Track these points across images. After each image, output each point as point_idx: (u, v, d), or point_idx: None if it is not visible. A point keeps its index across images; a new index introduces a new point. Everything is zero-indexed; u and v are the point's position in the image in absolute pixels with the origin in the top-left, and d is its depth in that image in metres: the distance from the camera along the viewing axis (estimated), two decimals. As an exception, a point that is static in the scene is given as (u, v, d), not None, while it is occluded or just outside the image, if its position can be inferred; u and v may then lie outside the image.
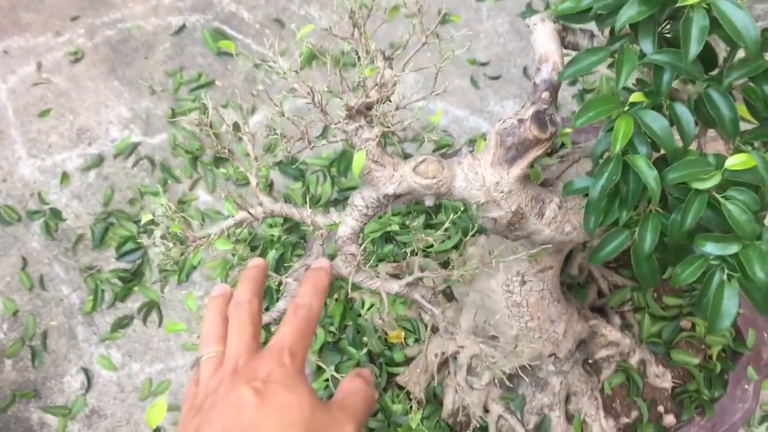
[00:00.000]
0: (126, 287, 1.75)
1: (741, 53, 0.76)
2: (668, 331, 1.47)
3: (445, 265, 1.53)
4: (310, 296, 0.58)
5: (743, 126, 0.80)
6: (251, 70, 1.97)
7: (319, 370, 1.47)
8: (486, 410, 1.41)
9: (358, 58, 1.03)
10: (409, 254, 1.01)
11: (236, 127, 1.91)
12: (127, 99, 1.95)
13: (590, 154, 0.85)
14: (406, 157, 1.75)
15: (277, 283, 0.97)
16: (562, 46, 0.97)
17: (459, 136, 1.87)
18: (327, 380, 1.45)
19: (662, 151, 0.82)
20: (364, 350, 1.46)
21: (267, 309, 1.27)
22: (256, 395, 0.49)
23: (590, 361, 1.46)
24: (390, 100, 1.00)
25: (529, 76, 1.95)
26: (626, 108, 0.79)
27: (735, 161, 0.76)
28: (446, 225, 0.96)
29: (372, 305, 1.50)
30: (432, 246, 1.55)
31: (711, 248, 0.78)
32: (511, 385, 1.41)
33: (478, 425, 1.39)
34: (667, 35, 0.82)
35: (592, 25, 0.89)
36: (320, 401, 0.51)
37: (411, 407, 1.42)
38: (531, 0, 2.00)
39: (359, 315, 1.50)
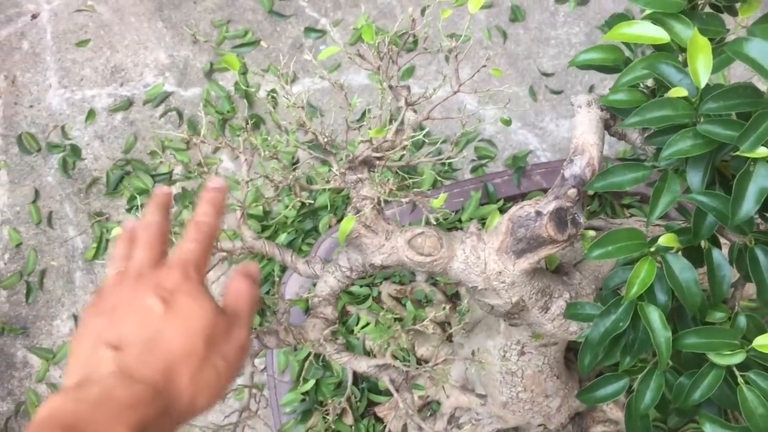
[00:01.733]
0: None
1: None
2: (675, 420, 1.35)
3: (452, 297, 1.43)
4: (210, 214, 0.58)
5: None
6: (300, 35, 1.85)
7: (299, 380, 1.40)
8: (460, 464, 1.33)
9: (386, 86, 0.91)
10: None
11: (272, 94, 1.81)
12: (168, 44, 1.86)
13: (603, 283, 0.73)
14: (438, 154, 1.64)
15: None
16: (609, 134, 0.83)
17: (503, 149, 1.74)
18: (305, 393, 1.39)
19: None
20: (350, 370, 1.38)
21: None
22: (163, 304, 0.50)
23: (583, 434, 1.35)
24: (405, 149, 0.88)
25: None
26: (652, 249, 0.67)
27: (765, 342, 0.63)
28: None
29: (367, 323, 1.42)
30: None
31: (710, 431, 0.66)
32: (492, 445, 1.32)
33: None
34: (725, 161, 0.69)
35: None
36: (220, 310, 0.53)
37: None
38: (614, 13, 1.81)
39: (351, 332, 1.41)
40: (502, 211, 1.50)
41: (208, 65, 1.82)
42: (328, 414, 1.35)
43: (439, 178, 1.61)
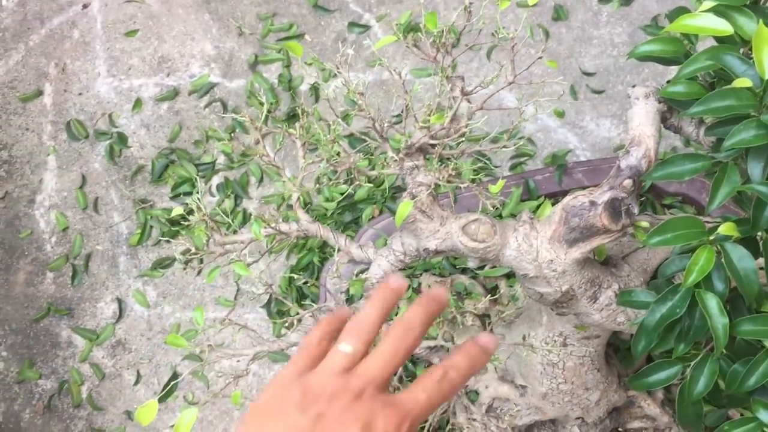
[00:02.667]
0: (174, 229, 1.73)
1: None
2: (713, 417, 1.35)
3: (492, 290, 1.45)
4: (464, 374, 0.51)
5: None
6: (344, 30, 1.88)
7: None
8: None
9: (442, 75, 0.93)
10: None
11: (316, 87, 1.84)
12: (214, 35, 1.89)
13: (658, 271, 0.74)
14: (474, 140, 1.65)
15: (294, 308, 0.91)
16: (664, 126, 0.85)
17: (542, 147, 1.75)
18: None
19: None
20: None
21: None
22: None
23: (620, 429, 1.36)
24: (462, 133, 0.90)
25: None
26: (711, 237, 0.68)
27: (824, 331, 0.64)
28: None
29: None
30: (483, 266, 1.46)
31: (765, 417, 0.67)
32: (529, 436, 1.33)
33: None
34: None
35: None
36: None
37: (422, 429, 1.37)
38: (658, 14, 1.81)
39: (390, 320, 1.43)
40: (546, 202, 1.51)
41: (252, 57, 1.85)
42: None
43: (478, 173, 1.63)
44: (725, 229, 0.67)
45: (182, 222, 1.70)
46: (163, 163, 1.78)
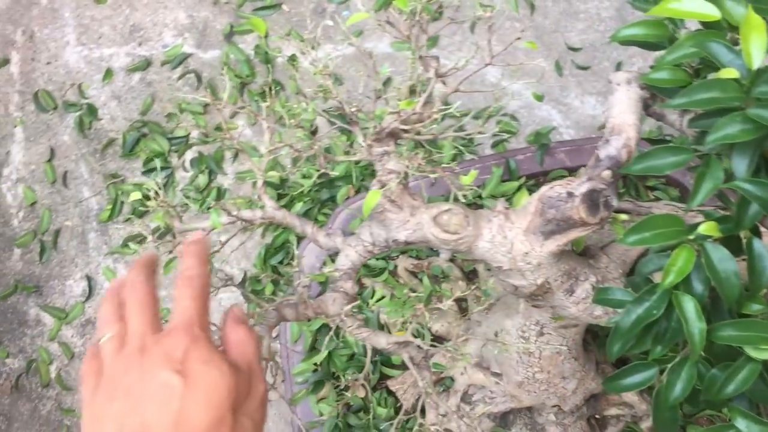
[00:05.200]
0: (146, 205, 1.68)
1: None
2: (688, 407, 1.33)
3: (471, 274, 1.41)
4: (197, 266, 0.55)
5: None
6: (323, 0, 1.81)
7: (313, 350, 1.39)
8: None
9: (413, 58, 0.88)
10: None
11: (293, 59, 1.78)
12: (188, 4, 1.82)
13: (635, 268, 0.70)
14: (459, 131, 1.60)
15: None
16: (646, 114, 0.80)
17: (526, 124, 1.70)
18: (318, 364, 1.38)
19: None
20: (369, 347, 1.36)
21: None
22: (180, 377, 0.47)
23: (597, 416, 1.34)
24: (434, 120, 0.85)
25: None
26: (691, 237, 0.64)
27: (807, 338, 0.61)
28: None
29: (383, 297, 1.40)
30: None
31: (742, 426, 0.64)
32: (504, 423, 1.31)
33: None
34: (772, 149, 0.66)
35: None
36: (236, 368, 0.50)
37: (396, 412, 1.34)
38: (646, -12, 1.76)
39: (366, 304, 1.40)
40: (522, 188, 1.47)
41: (228, 27, 1.79)
42: (341, 388, 1.35)
43: (461, 150, 1.58)
44: (706, 228, 0.63)
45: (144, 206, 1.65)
46: (135, 137, 1.72)
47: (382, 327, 1.39)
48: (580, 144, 1.49)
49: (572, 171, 1.48)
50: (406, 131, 0.84)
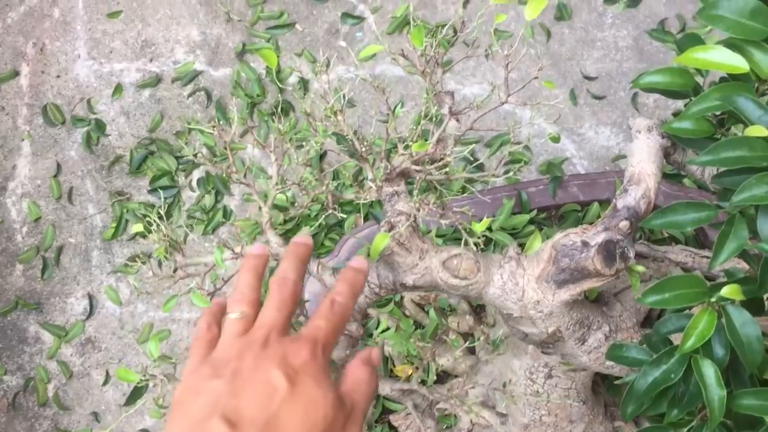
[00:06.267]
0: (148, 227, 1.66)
1: None
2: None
3: (479, 308, 1.38)
4: (347, 295, 0.56)
5: None
6: (337, 20, 1.79)
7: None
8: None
9: (430, 93, 0.86)
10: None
11: (303, 83, 1.76)
12: (201, 21, 1.81)
13: (653, 328, 0.67)
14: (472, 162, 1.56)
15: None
16: (667, 162, 0.78)
17: (538, 153, 1.68)
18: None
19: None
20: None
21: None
22: (288, 382, 0.47)
23: (604, 459, 1.30)
24: (446, 162, 0.83)
25: (638, 105, 1.72)
26: (713, 298, 0.61)
27: (834, 413, 0.58)
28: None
29: (387, 328, 1.37)
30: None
31: (766, 501, 0.61)
32: (509, 464, 1.27)
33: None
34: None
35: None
36: (341, 401, 0.50)
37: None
38: (665, 18, 1.73)
39: (370, 335, 1.37)
40: (533, 222, 1.44)
41: (240, 45, 1.77)
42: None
43: (470, 184, 1.55)
44: (729, 292, 0.60)
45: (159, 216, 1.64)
46: (142, 154, 1.70)
47: (386, 359, 1.36)
48: (594, 178, 1.46)
49: (585, 205, 1.45)
50: (419, 171, 0.81)
